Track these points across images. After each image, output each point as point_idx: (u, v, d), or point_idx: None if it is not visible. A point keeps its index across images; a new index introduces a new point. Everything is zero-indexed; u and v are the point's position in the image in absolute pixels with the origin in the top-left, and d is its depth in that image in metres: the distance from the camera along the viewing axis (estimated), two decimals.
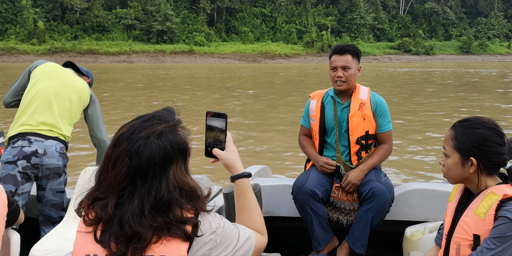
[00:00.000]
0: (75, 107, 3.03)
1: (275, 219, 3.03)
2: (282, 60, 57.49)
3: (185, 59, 54.40)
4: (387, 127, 2.88)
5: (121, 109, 13.91)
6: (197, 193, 1.19)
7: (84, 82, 3.16)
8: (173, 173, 1.15)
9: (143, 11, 60.68)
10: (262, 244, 1.34)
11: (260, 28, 67.26)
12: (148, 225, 1.09)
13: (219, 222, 1.21)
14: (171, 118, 1.21)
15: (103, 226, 1.13)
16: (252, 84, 24.99)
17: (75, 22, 58.81)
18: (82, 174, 3.01)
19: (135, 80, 26.01)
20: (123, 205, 1.12)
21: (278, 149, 8.53)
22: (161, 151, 1.14)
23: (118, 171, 1.13)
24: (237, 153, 1.39)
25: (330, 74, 2.90)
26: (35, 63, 3.10)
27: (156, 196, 1.11)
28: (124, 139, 1.16)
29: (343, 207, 2.81)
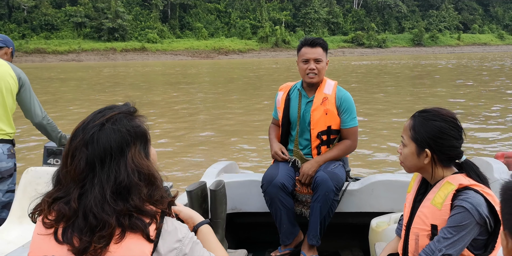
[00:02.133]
0: (7, 99, 2.87)
1: (241, 215, 2.99)
2: (235, 56, 57.46)
3: (136, 56, 53.58)
4: (351, 123, 2.83)
5: (78, 108, 13.47)
6: (155, 178, 1.19)
7: (5, 66, 2.92)
8: (132, 157, 1.16)
9: (93, 8, 59.37)
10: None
11: (215, 24, 66.95)
12: (111, 210, 1.09)
13: (187, 233, 1.20)
14: (124, 107, 1.23)
15: (66, 223, 1.12)
16: (218, 80, 24.83)
17: (22, 20, 56.99)
18: (24, 174, 2.96)
19: (91, 79, 25.57)
20: (86, 194, 1.11)
21: (244, 145, 8.45)
22: (116, 135, 1.15)
23: (77, 163, 1.13)
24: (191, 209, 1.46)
25: (300, 67, 2.83)
26: None
27: (116, 180, 1.12)
28: (80, 131, 1.17)
29: (304, 200, 2.79)
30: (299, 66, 2.86)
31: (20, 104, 2.99)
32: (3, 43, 3.06)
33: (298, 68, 2.88)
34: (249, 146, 8.36)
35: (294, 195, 2.79)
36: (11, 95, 2.89)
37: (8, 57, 3.06)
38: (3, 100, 2.86)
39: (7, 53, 3.06)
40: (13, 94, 2.92)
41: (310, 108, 2.82)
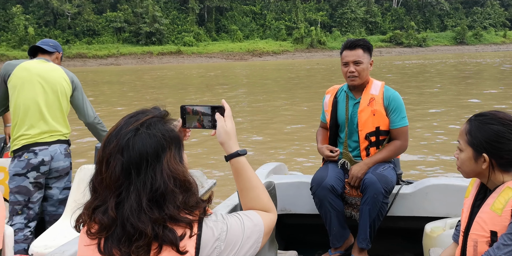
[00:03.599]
0: (62, 102, 3.07)
1: (290, 216, 2.98)
2: (269, 58, 57.53)
3: (172, 59, 54.82)
4: (401, 123, 2.77)
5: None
6: (191, 184, 1.16)
7: (59, 71, 3.10)
8: (167, 162, 1.13)
9: (133, 13, 61.27)
10: (271, 223, 1.31)
11: (250, 26, 67.39)
12: (147, 219, 1.07)
13: (222, 227, 1.17)
14: (156, 111, 1.21)
15: (106, 233, 1.10)
16: (259, 81, 24.85)
17: (66, 27, 59.71)
18: (78, 172, 3.15)
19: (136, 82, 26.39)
20: (122, 203, 1.09)
21: (292, 147, 8.40)
22: (152, 140, 1.12)
23: (112, 170, 1.10)
24: (234, 131, 1.33)
25: (342, 70, 2.83)
26: (5, 70, 3.03)
27: (152, 187, 1.09)
28: (113, 137, 1.14)
29: (354, 202, 2.77)
30: (341, 69, 2.85)
31: (74, 105, 3.18)
32: (54, 48, 3.21)
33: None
34: (296, 148, 8.26)
35: (343, 198, 2.77)
36: (65, 98, 3.09)
37: (58, 61, 3.23)
38: (59, 102, 3.05)
39: (58, 58, 3.23)
40: (67, 96, 3.11)
41: (357, 109, 2.79)
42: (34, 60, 3.10)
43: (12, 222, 2.93)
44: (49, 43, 3.23)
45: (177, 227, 1.10)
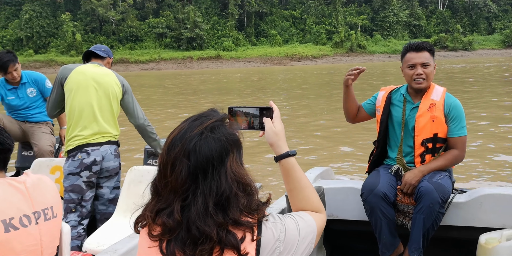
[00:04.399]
0: (114, 105, 3.20)
1: (338, 222, 2.94)
2: (308, 62, 57.18)
3: (211, 64, 55.52)
4: (460, 132, 2.68)
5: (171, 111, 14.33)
6: (251, 188, 1.17)
7: (111, 75, 3.23)
8: (230, 165, 1.14)
9: (174, 19, 62.66)
10: (322, 224, 1.33)
11: (289, 30, 67.33)
12: (213, 223, 1.08)
13: (281, 228, 1.18)
14: (217, 114, 1.22)
15: (170, 236, 1.12)
16: (301, 85, 24.67)
17: (111, 33, 61.80)
18: (128, 173, 3.25)
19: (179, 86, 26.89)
20: (189, 207, 1.10)
21: (339, 151, 8.28)
22: (217, 144, 1.14)
23: (178, 174, 1.12)
24: (283, 132, 1.35)
25: (406, 73, 2.74)
26: (62, 74, 3.16)
27: (218, 191, 1.11)
28: (178, 141, 1.15)
29: (406, 210, 2.70)
30: (404, 72, 2.76)
31: (124, 108, 3.30)
32: (106, 53, 3.35)
33: (403, 74, 2.78)
34: (341, 153, 8.13)
35: (395, 205, 2.70)
36: (116, 101, 3.21)
37: (109, 66, 3.37)
38: (111, 105, 3.18)
39: (109, 63, 3.37)
40: (118, 100, 3.23)
41: (415, 114, 2.71)
42: (88, 65, 3.22)
43: (66, 219, 3.02)
44: (101, 48, 3.36)
45: (237, 230, 1.11)
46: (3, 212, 1.59)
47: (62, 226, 1.92)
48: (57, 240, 1.83)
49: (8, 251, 1.58)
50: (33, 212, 1.68)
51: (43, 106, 4.41)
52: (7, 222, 1.58)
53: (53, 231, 1.78)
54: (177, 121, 12.25)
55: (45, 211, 1.73)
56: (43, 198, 1.74)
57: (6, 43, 57.93)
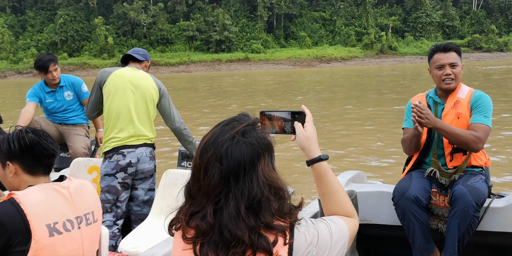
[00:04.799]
0: (150, 108, 3.25)
1: (370, 227, 2.92)
2: (337, 64, 56.60)
3: (240, 66, 55.70)
4: (482, 120, 2.58)
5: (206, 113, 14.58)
6: (284, 192, 1.18)
7: (149, 78, 3.27)
8: (262, 169, 1.16)
9: (204, 22, 63.25)
10: (355, 229, 1.33)
11: (319, 32, 66.91)
12: (245, 227, 1.10)
13: (313, 232, 1.18)
14: (248, 118, 1.24)
15: (204, 239, 1.14)
16: (333, 87, 24.59)
17: (142, 36, 62.92)
18: (163, 176, 3.29)
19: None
20: (221, 210, 1.12)
21: (371, 154, 8.24)
22: (248, 148, 1.15)
23: (211, 178, 1.14)
24: (315, 136, 1.36)
25: (434, 74, 2.72)
26: (101, 77, 3.23)
27: (250, 195, 1.12)
28: (210, 145, 1.17)
29: (441, 214, 2.66)
30: (432, 73, 2.75)
31: (161, 111, 3.35)
32: (144, 57, 3.41)
33: (431, 75, 2.77)
34: (374, 156, 8.05)
35: (429, 209, 2.67)
36: (153, 104, 3.26)
37: (147, 69, 3.42)
38: (147, 108, 3.23)
39: (146, 66, 3.42)
40: (154, 103, 3.29)
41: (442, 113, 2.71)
42: (126, 68, 3.26)
43: (102, 219, 3.08)
44: (139, 52, 3.42)
45: (269, 234, 1.12)
46: (48, 217, 1.62)
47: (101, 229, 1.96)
48: (97, 244, 1.88)
49: (52, 254, 1.62)
50: (75, 217, 1.73)
51: (80, 109, 4.50)
52: (52, 226, 1.62)
53: (94, 235, 1.83)
54: (208, 123, 12.34)
55: (86, 216, 1.78)
56: (85, 203, 1.79)
57: (41, 47, 59.77)
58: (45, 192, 1.68)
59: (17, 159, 1.73)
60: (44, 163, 1.77)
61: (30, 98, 4.25)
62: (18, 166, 1.74)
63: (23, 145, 1.72)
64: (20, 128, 1.79)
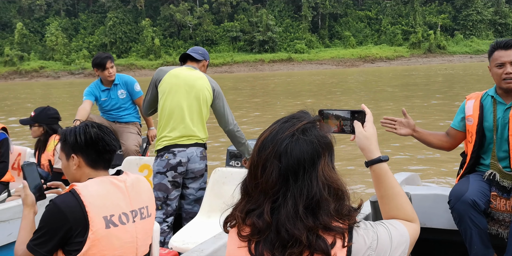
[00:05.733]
0: (203, 109, 3.24)
1: (424, 231, 2.76)
2: (382, 64, 55.55)
3: (282, 67, 55.76)
4: None
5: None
6: (343, 193, 1.15)
7: (204, 79, 3.25)
8: (322, 169, 1.13)
9: (248, 23, 63.71)
10: (416, 234, 1.27)
11: (364, 31, 65.85)
12: (302, 227, 1.08)
13: (373, 235, 1.14)
14: (308, 116, 1.21)
15: (259, 237, 1.12)
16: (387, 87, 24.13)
17: (188, 37, 64.18)
18: (212, 174, 3.34)
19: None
20: (279, 209, 1.10)
21: (424, 156, 7.99)
22: (308, 146, 1.12)
23: (269, 175, 1.12)
24: (375, 136, 1.31)
25: (494, 72, 2.57)
26: (157, 75, 3.26)
27: (309, 195, 1.09)
28: (269, 142, 1.15)
29: (502, 218, 2.51)
30: (492, 71, 2.59)
31: (215, 113, 3.33)
32: (202, 56, 3.38)
33: (491, 74, 2.62)
34: (427, 158, 7.79)
35: (488, 213, 2.54)
36: (206, 105, 3.25)
37: (204, 68, 3.40)
38: (200, 109, 3.22)
39: (204, 65, 3.40)
40: (208, 104, 3.26)
41: (509, 115, 2.53)
42: (183, 67, 3.28)
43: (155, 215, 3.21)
44: (198, 51, 3.38)
45: (328, 235, 1.09)
46: (105, 209, 1.66)
47: None
48: (150, 238, 1.90)
49: (107, 246, 1.65)
50: (131, 210, 1.76)
51: (132, 108, 4.63)
52: (108, 218, 1.66)
53: (147, 229, 1.85)
54: (252, 122, 12.40)
55: (141, 210, 1.81)
56: (140, 198, 1.81)
57: (92, 48, 62.22)
58: (104, 185, 1.72)
59: (81, 152, 1.78)
60: (105, 158, 1.82)
61: (87, 97, 4.41)
62: (82, 159, 1.79)
63: (88, 139, 1.77)
64: (86, 122, 1.84)
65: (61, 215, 1.59)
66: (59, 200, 1.62)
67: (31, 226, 1.78)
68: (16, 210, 2.79)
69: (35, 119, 3.64)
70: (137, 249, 1.78)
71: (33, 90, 36.10)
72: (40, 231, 1.63)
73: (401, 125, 2.67)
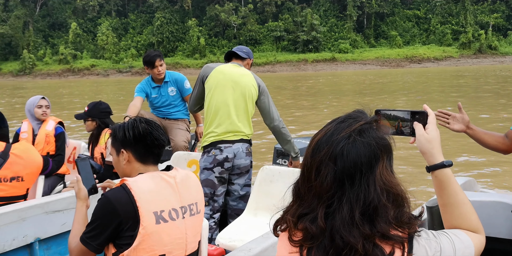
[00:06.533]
0: (249, 106, 3.26)
1: (485, 240, 3.16)
2: (429, 64, 53.93)
3: (325, 67, 55.27)
4: None
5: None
6: (404, 199, 1.08)
7: (250, 76, 3.29)
8: (380, 173, 1.06)
9: (293, 22, 63.64)
10: (481, 247, 1.18)
11: (411, 31, 64.16)
12: (358, 234, 1.02)
13: (436, 246, 1.07)
14: (365, 116, 1.14)
15: (312, 243, 1.07)
16: None
17: (232, 37, 64.86)
18: (260, 172, 3.28)
19: None
20: (333, 214, 1.05)
21: (481, 159, 7.66)
22: (366, 148, 1.06)
23: (323, 178, 1.06)
24: (438, 139, 1.21)
25: None
26: (204, 72, 3.30)
27: (366, 200, 1.03)
28: (323, 143, 1.09)
29: None
30: None
31: (260, 109, 3.33)
32: (247, 54, 3.43)
33: None
34: (486, 163, 7.45)
35: None
36: (251, 102, 3.26)
37: (249, 67, 3.45)
38: (246, 105, 3.23)
39: (248, 64, 3.45)
40: (253, 100, 3.27)
41: None
42: (228, 64, 3.31)
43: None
44: (243, 49, 3.43)
45: (385, 244, 1.03)
46: (155, 204, 1.66)
47: None
48: (199, 235, 1.89)
49: (157, 242, 1.65)
50: (180, 206, 1.74)
51: (182, 105, 4.69)
52: (158, 214, 1.65)
53: (197, 226, 1.84)
54: (298, 121, 12.28)
55: (190, 206, 1.79)
56: (189, 194, 1.81)
57: (140, 48, 64.13)
58: (154, 180, 1.71)
59: (130, 147, 1.79)
60: (154, 153, 1.81)
61: (138, 93, 4.51)
62: (131, 154, 1.80)
63: (136, 134, 1.77)
64: (134, 118, 1.85)
65: (112, 209, 1.61)
66: (110, 194, 1.64)
67: (83, 219, 1.81)
68: (69, 201, 2.88)
69: (89, 114, 3.78)
70: (187, 245, 1.76)
71: (85, 87, 37.52)
72: (92, 224, 1.65)
73: (455, 120, 2.49)
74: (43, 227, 2.74)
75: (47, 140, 3.94)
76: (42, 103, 3.98)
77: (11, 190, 2.85)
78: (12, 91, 34.09)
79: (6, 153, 2.84)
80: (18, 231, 2.61)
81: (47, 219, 2.75)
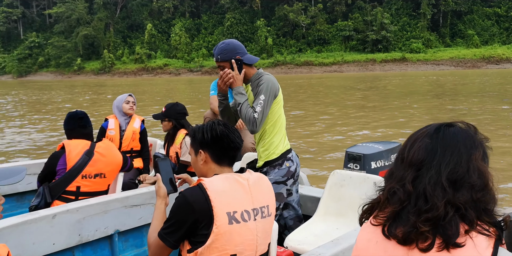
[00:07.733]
0: None
1: None
2: (509, 65, 50.46)
3: (395, 67, 53.63)
4: None
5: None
6: (489, 189, 1.09)
7: None
8: (475, 158, 1.11)
9: (363, 22, 62.49)
10: None
11: (490, 30, 60.52)
12: (442, 195, 1.06)
13: None
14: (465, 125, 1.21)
15: (397, 207, 1.13)
16: None
17: (301, 36, 64.89)
18: (331, 176, 3.25)
19: None
20: (421, 177, 1.12)
21: None
22: (463, 133, 1.15)
23: (417, 148, 1.16)
24: None
25: None
26: (276, 87, 3.00)
27: (455, 168, 1.09)
28: (423, 128, 1.21)
29: None
30: None
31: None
32: (222, 57, 3.50)
33: None
34: None
35: None
36: None
37: (252, 70, 3.52)
38: None
39: (251, 69, 3.53)
40: None
41: None
42: None
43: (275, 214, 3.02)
44: (215, 50, 3.28)
45: (463, 225, 1.06)
46: (229, 205, 1.70)
47: None
48: (269, 238, 1.90)
49: (229, 241, 1.68)
50: (252, 208, 1.77)
51: None
52: (231, 214, 1.69)
53: (267, 228, 1.85)
54: (397, 126, 11.58)
55: (262, 209, 1.81)
56: (261, 197, 1.83)
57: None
58: (229, 182, 1.74)
59: (208, 148, 1.84)
60: (230, 155, 1.86)
61: (215, 91, 4.56)
62: (208, 155, 1.84)
63: (214, 135, 1.83)
64: (213, 120, 1.91)
65: (188, 207, 1.66)
66: (187, 193, 1.69)
67: (162, 216, 1.86)
68: (146, 197, 3.01)
69: (166, 114, 3.94)
70: (257, 247, 1.79)
71: (158, 85, 38.92)
72: (170, 221, 1.71)
73: None
74: (122, 220, 2.89)
75: (133, 137, 4.26)
76: (129, 99, 4.35)
77: (94, 186, 3.08)
78: (93, 88, 36.09)
79: (91, 151, 3.07)
80: (100, 222, 2.79)
81: (126, 212, 2.90)
